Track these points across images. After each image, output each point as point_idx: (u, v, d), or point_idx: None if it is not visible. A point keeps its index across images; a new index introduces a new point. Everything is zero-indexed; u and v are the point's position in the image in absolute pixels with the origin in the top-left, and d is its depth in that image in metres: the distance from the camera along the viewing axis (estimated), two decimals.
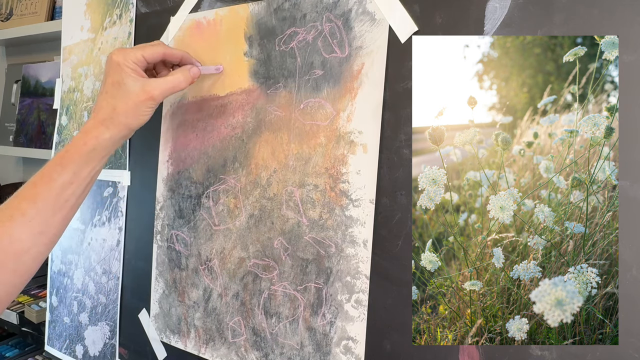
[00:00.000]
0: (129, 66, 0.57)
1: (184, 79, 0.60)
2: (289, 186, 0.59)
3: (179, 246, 0.71)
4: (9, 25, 1.54)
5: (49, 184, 0.55)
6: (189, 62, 0.64)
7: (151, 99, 0.57)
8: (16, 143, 1.52)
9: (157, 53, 0.60)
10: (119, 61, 0.57)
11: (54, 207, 0.55)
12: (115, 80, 0.57)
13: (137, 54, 0.58)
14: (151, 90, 0.57)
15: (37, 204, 0.54)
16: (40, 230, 0.54)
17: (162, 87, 0.58)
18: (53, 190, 0.55)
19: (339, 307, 0.55)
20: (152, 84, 0.57)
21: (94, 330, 0.84)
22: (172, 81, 0.59)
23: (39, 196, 0.54)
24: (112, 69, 0.57)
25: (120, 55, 0.57)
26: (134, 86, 0.56)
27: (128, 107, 0.57)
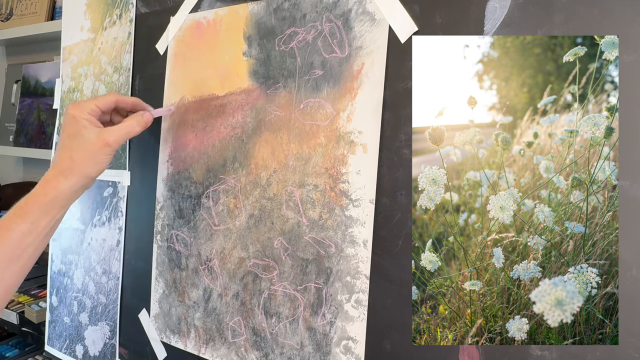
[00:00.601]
0: (84, 117, 0.59)
1: (136, 124, 0.62)
2: (289, 186, 0.59)
3: (179, 246, 0.71)
4: (9, 25, 1.54)
5: (6, 233, 0.55)
6: (141, 107, 0.66)
7: (107, 146, 0.59)
8: (16, 143, 1.52)
9: (110, 102, 0.62)
10: (75, 114, 0.59)
11: (11, 258, 0.55)
12: (72, 132, 0.59)
13: (90, 105, 0.60)
14: (106, 137, 0.59)
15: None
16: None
17: (116, 134, 0.60)
18: (10, 241, 0.55)
19: (339, 307, 0.55)
20: (106, 132, 0.60)
21: (94, 330, 0.84)
22: (126, 127, 0.61)
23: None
24: (68, 122, 0.60)
25: (75, 108, 0.60)
26: (89, 136, 0.59)
27: (85, 156, 0.59)
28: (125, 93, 0.79)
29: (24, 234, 0.56)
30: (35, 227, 0.57)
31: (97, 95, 0.85)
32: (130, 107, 0.66)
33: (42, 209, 0.57)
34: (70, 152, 0.59)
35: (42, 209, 0.57)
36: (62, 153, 0.59)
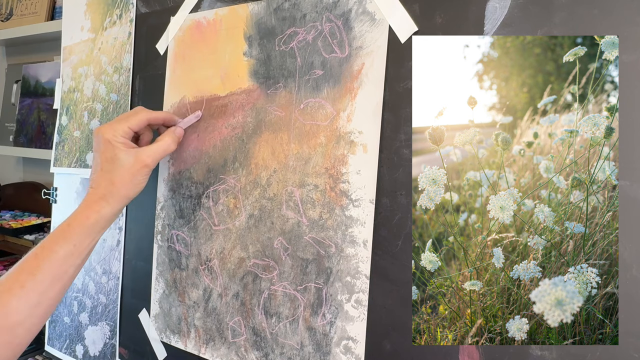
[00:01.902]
0: (119, 141, 0.60)
1: (172, 142, 0.63)
2: (289, 186, 0.59)
3: (180, 246, 0.71)
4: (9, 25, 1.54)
5: (50, 255, 0.56)
6: (172, 121, 0.66)
7: (145, 167, 0.60)
8: (16, 143, 1.52)
9: (142, 121, 0.63)
10: (109, 138, 0.60)
11: (54, 279, 0.56)
12: (109, 156, 0.60)
13: (124, 127, 0.61)
14: (144, 159, 0.60)
15: (36, 276, 0.55)
16: (38, 301, 0.55)
17: (153, 154, 0.61)
18: (54, 262, 0.56)
19: (339, 307, 0.55)
20: (143, 153, 0.60)
21: (94, 330, 0.84)
22: (162, 146, 0.62)
23: (39, 268, 0.56)
24: (103, 146, 0.60)
25: (109, 132, 0.60)
26: (127, 159, 0.59)
27: (125, 180, 0.59)
28: (126, 93, 0.79)
29: (67, 255, 0.57)
30: (77, 248, 0.58)
31: (97, 94, 0.85)
32: (162, 122, 0.66)
33: (85, 231, 0.58)
34: (109, 175, 0.59)
35: (84, 231, 0.58)
36: (101, 177, 0.60)
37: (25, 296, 0.54)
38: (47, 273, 0.56)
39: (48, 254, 0.56)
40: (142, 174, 0.60)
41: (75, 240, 0.58)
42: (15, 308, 0.54)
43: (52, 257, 0.56)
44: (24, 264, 0.56)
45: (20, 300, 0.54)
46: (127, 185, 0.60)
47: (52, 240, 0.58)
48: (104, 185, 0.60)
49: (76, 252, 0.58)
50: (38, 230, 1.52)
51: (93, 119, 0.85)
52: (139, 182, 0.61)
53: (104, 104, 0.83)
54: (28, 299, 0.54)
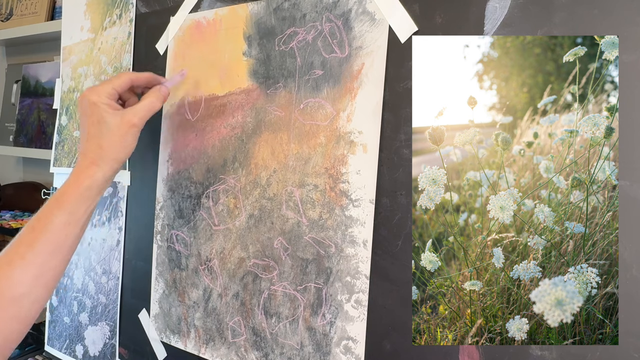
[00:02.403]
0: (104, 102, 0.59)
1: (157, 100, 0.62)
2: (289, 186, 0.59)
3: (179, 246, 0.71)
4: (9, 25, 1.54)
5: (46, 226, 0.56)
6: (155, 81, 0.65)
7: (133, 127, 0.59)
8: (16, 143, 1.52)
9: (125, 82, 0.62)
10: (94, 100, 0.59)
11: (53, 250, 0.56)
12: (95, 120, 0.59)
13: (107, 89, 0.60)
14: (131, 118, 0.59)
15: (35, 248, 0.55)
16: (40, 272, 0.55)
17: (140, 113, 0.60)
18: (51, 232, 0.56)
19: (339, 307, 0.55)
20: (129, 113, 0.59)
21: (94, 330, 0.84)
22: (148, 105, 0.61)
23: (37, 239, 0.55)
24: (89, 110, 0.59)
25: (93, 94, 0.59)
26: (114, 120, 0.58)
27: (113, 142, 0.58)
28: None
29: (63, 224, 0.56)
30: (73, 216, 0.57)
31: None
32: (145, 83, 0.65)
33: (79, 198, 0.57)
34: (97, 139, 0.58)
35: (78, 198, 0.57)
36: (89, 142, 0.59)
37: (26, 267, 0.54)
38: (46, 243, 0.55)
39: (44, 225, 0.56)
40: (130, 135, 0.59)
41: (70, 208, 0.57)
42: (19, 279, 0.53)
43: (49, 227, 0.56)
44: (22, 236, 0.56)
45: (23, 271, 0.53)
46: (116, 147, 0.58)
47: (47, 211, 0.57)
48: (92, 150, 0.58)
49: (73, 221, 0.57)
50: None
51: None
52: (128, 143, 0.59)
53: None
54: (30, 270, 0.54)
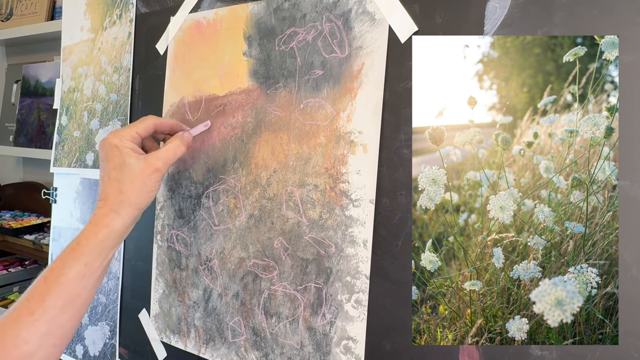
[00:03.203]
0: (127, 146, 0.57)
1: (182, 144, 0.60)
2: (289, 186, 0.59)
3: (179, 246, 0.71)
4: (9, 25, 1.54)
5: (59, 278, 0.52)
6: (179, 128, 0.64)
7: (157, 172, 0.57)
8: (16, 143, 1.52)
9: (149, 126, 0.60)
10: (116, 143, 0.56)
11: (64, 304, 0.52)
12: (117, 163, 0.56)
13: (131, 132, 0.58)
14: (154, 162, 0.57)
15: (45, 302, 0.51)
16: (48, 330, 0.51)
17: (163, 157, 0.58)
18: (63, 285, 0.52)
19: (339, 307, 0.55)
20: (153, 157, 0.57)
21: (94, 330, 0.84)
22: (172, 149, 0.59)
23: (48, 292, 0.51)
24: (111, 153, 0.56)
25: (116, 137, 0.57)
26: (136, 164, 0.56)
27: (135, 187, 0.55)
28: (125, 93, 0.79)
29: (78, 276, 0.53)
30: (88, 268, 0.53)
31: (97, 94, 0.85)
32: (168, 130, 0.63)
33: (95, 249, 0.54)
34: (118, 184, 0.55)
35: (94, 249, 0.54)
36: (109, 186, 0.56)
37: (34, 324, 0.50)
38: (57, 297, 0.51)
39: (57, 276, 0.52)
40: (153, 180, 0.56)
41: (86, 259, 0.53)
42: (24, 338, 0.49)
43: (62, 280, 0.52)
44: (33, 289, 0.52)
45: (30, 330, 0.50)
46: (138, 192, 0.56)
47: (61, 262, 0.53)
48: (112, 195, 0.55)
49: (88, 273, 0.53)
50: (38, 230, 1.52)
51: (93, 119, 0.85)
52: (150, 188, 0.57)
53: (103, 104, 0.83)
54: (38, 328, 0.50)
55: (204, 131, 0.67)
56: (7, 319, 0.51)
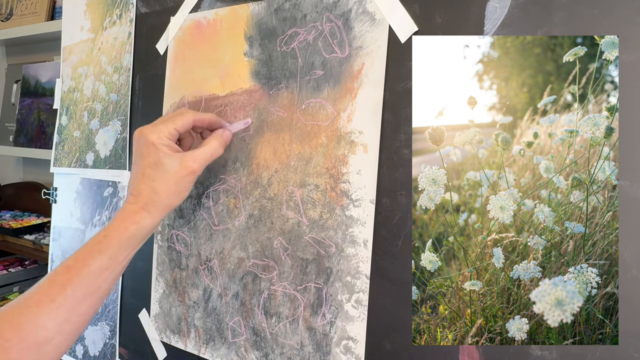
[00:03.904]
0: (164, 143, 0.55)
1: (219, 145, 0.58)
2: (290, 186, 0.59)
3: (179, 246, 0.71)
4: (9, 25, 1.54)
5: (83, 269, 0.52)
6: (218, 124, 0.61)
7: (192, 174, 0.55)
8: (16, 143, 1.52)
9: (188, 122, 0.57)
10: (154, 140, 0.54)
11: (85, 294, 0.52)
12: (152, 161, 0.54)
13: (169, 129, 0.56)
14: (191, 164, 0.55)
15: (67, 290, 0.51)
16: (66, 317, 0.51)
17: (200, 159, 0.56)
18: (86, 277, 0.52)
19: (339, 307, 0.55)
20: (190, 157, 0.55)
21: (94, 330, 0.84)
22: (209, 150, 0.57)
23: (70, 281, 0.51)
24: (146, 150, 0.55)
25: (153, 133, 0.55)
26: (172, 164, 0.54)
27: (169, 187, 0.55)
28: (125, 93, 0.79)
29: (101, 269, 0.53)
30: (112, 262, 0.53)
31: (97, 94, 0.85)
32: (207, 125, 0.61)
33: (122, 244, 0.54)
34: (153, 183, 0.54)
35: (122, 244, 0.54)
36: (142, 184, 0.55)
37: (54, 311, 0.50)
38: (79, 287, 0.51)
39: (81, 267, 0.52)
40: (187, 181, 0.55)
41: (111, 253, 0.53)
42: (44, 324, 0.50)
43: (85, 271, 0.52)
44: (55, 276, 0.52)
45: (50, 316, 0.50)
46: (171, 193, 0.55)
47: (86, 252, 0.53)
48: (146, 194, 0.54)
49: (111, 266, 0.53)
50: (38, 230, 1.52)
51: (93, 119, 0.85)
52: (183, 189, 0.56)
53: (103, 104, 0.83)
54: (57, 315, 0.50)
55: None
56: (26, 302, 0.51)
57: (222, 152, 0.59)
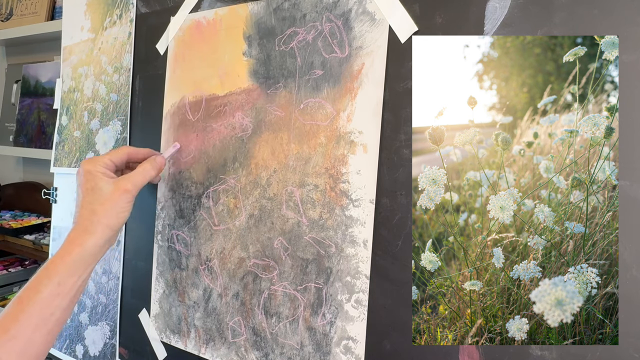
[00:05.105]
0: (99, 171, 0.60)
1: (151, 168, 0.64)
2: (289, 186, 0.59)
3: (180, 246, 0.71)
4: (9, 25, 1.54)
5: (34, 296, 0.54)
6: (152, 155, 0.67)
7: (126, 192, 0.60)
8: (16, 143, 1.52)
9: (122, 155, 0.64)
10: (89, 169, 0.60)
11: (38, 323, 0.53)
12: (89, 187, 0.60)
13: (104, 159, 0.62)
14: (124, 184, 0.60)
15: (20, 321, 0.53)
16: (22, 349, 0.52)
17: (132, 179, 0.61)
18: (37, 304, 0.54)
19: (339, 307, 0.55)
20: (123, 179, 0.61)
21: (94, 330, 0.84)
22: (142, 172, 0.62)
23: (22, 311, 0.53)
24: (84, 178, 0.60)
25: (89, 164, 0.61)
26: (107, 187, 0.59)
27: (106, 207, 0.59)
28: (126, 93, 0.79)
29: (51, 295, 0.54)
30: (62, 287, 0.55)
31: (97, 94, 0.85)
32: (142, 158, 0.66)
33: (68, 268, 0.56)
34: (90, 206, 0.59)
35: (68, 268, 0.56)
36: (82, 209, 0.59)
37: (8, 342, 0.51)
38: (31, 316, 0.53)
39: (32, 295, 0.54)
40: (123, 201, 0.60)
41: (59, 278, 0.55)
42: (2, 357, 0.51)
43: (36, 298, 0.54)
44: (10, 308, 0.54)
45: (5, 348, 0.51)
46: (108, 213, 0.59)
47: (35, 281, 0.55)
48: (85, 216, 0.58)
49: (62, 292, 0.55)
50: (38, 230, 1.52)
51: (93, 119, 0.85)
52: (121, 209, 0.60)
53: (104, 104, 0.83)
54: (13, 346, 0.51)
55: (203, 131, 0.68)
56: None
57: (155, 175, 0.64)
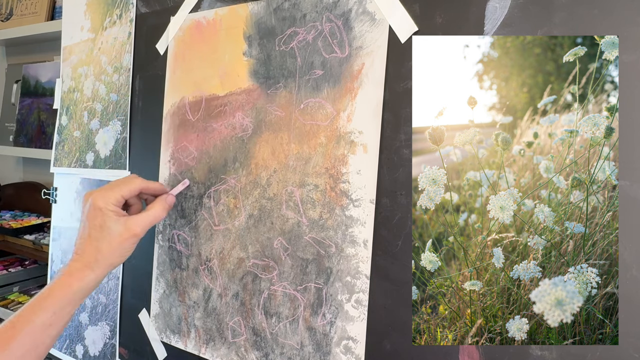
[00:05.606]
0: (110, 209, 0.59)
1: (162, 210, 0.62)
2: (289, 186, 0.59)
3: (180, 246, 0.71)
4: (9, 25, 1.54)
5: (27, 326, 0.54)
6: (162, 191, 0.66)
7: (134, 236, 0.59)
8: (16, 143, 1.52)
9: (135, 190, 0.62)
10: (100, 206, 0.59)
11: (29, 349, 0.54)
12: (98, 224, 0.59)
13: (116, 196, 0.60)
14: (134, 228, 0.59)
15: (10, 348, 0.53)
16: None
17: (143, 223, 0.60)
18: (30, 332, 0.54)
19: (339, 307, 0.55)
20: (133, 222, 0.59)
21: (94, 330, 0.84)
22: (152, 214, 0.61)
23: (14, 338, 0.53)
24: (92, 212, 0.59)
25: (100, 199, 0.59)
26: (116, 228, 0.58)
27: (112, 248, 0.58)
28: (125, 93, 0.79)
29: (44, 325, 0.55)
30: (56, 317, 0.56)
31: (97, 94, 0.85)
32: (153, 192, 0.65)
33: (66, 300, 0.57)
34: (97, 243, 0.58)
35: (65, 300, 0.57)
36: (87, 244, 0.59)
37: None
38: (22, 344, 0.53)
39: (25, 324, 0.54)
40: (130, 243, 0.59)
41: (55, 308, 0.56)
42: None
43: (29, 328, 0.54)
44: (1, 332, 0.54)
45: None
46: (114, 253, 0.59)
47: (30, 309, 0.55)
48: (89, 253, 0.58)
49: (55, 322, 0.56)
50: (38, 230, 1.52)
51: (93, 118, 0.85)
52: (126, 250, 0.59)
53: (103, 104, 0.83)
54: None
55: (204, 131, 0.68)
56: None
57: (164, 216, 0.63)
